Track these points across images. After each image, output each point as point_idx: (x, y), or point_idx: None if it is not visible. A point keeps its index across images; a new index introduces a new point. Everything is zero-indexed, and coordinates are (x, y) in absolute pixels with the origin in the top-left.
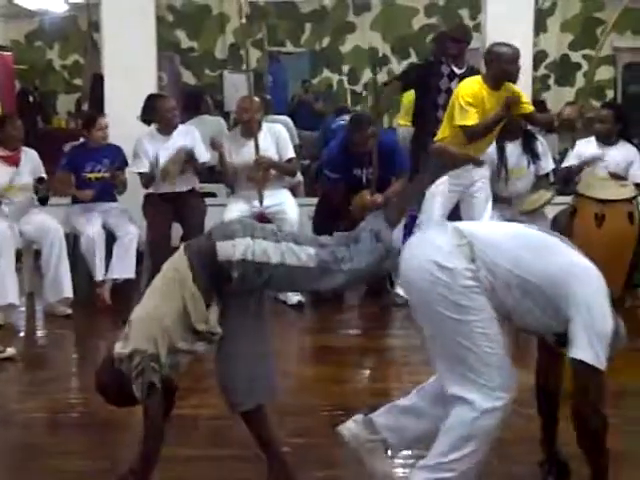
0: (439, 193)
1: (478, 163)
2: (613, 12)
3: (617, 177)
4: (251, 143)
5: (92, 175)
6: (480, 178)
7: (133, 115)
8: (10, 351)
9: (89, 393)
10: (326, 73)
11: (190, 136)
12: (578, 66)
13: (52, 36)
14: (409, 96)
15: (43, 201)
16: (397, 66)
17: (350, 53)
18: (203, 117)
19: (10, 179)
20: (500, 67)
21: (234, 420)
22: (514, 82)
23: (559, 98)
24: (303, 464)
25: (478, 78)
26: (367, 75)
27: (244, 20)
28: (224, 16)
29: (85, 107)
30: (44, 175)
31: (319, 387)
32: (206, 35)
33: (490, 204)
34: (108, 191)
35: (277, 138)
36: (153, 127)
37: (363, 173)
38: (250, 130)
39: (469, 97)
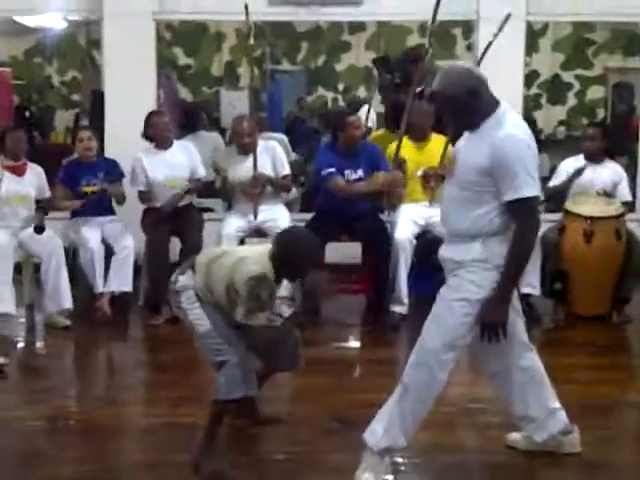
0: (407, 215)
1: None
2: (603, 33)
3: (606, 195)
4: (247, 160)
5: (88, 189)
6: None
7: (132, 131)
8: (1, 360)
9: (87, 401)
10: (321, 91)
11: (187, 152)
12: (569, 86)
13: (51, 52)
14: None
15: (39, 230)
16: None
17: (345, 72)
18: (200, 133)
19: (14, 188)
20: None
21: (229, 428)
22: None
23: (551, 117)
24: (299, 471)
25: None
26: (362, 93)
27: (252, 41)
28: (221, 34)
29: (85, 123)
30: (48, 194)
31: (313, 398)
32: (203, 53)
33: None
34: (105, 204)
35: (273, 155)
36: (151, 144)
37: (353, 175)
38: (246, 149)
39: None
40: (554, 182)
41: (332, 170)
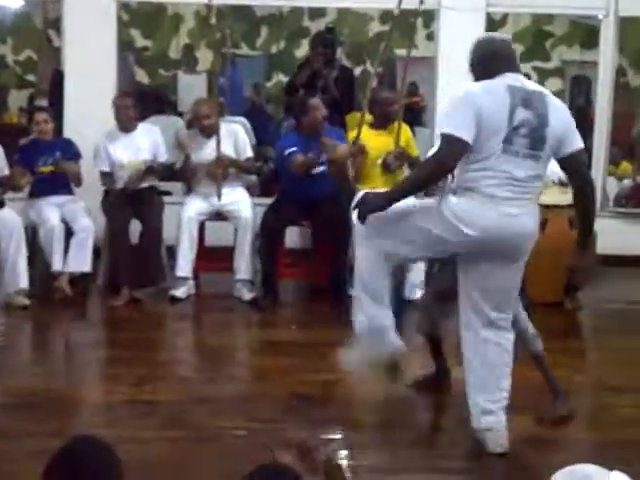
0: None
1: None
2: (562, 26)
3: (561, 185)
4: (210, 142)
5: (44, 168)
6: None
7: (92, 113)
8: None
9: (47, 379)
10: (280, 76)
11: (151, 135)
12: (527, 77)
13: (5, 31)
14: None
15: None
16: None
17: (305, 57)
18: (162, 117)
19: None
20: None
21: (189, 405)
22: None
23: None
24: (258, 446)
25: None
26: None
27: (214, 21)
28: (179, 16)
29: (42, 103)
30: (7, 172)
31: (272, 376)
32: (160, 35)
33: None
34: (63, 183)
35: (235, 138)
36: (113, 126)
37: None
38: (207, 132)
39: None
40: None
41: (294, 149)
